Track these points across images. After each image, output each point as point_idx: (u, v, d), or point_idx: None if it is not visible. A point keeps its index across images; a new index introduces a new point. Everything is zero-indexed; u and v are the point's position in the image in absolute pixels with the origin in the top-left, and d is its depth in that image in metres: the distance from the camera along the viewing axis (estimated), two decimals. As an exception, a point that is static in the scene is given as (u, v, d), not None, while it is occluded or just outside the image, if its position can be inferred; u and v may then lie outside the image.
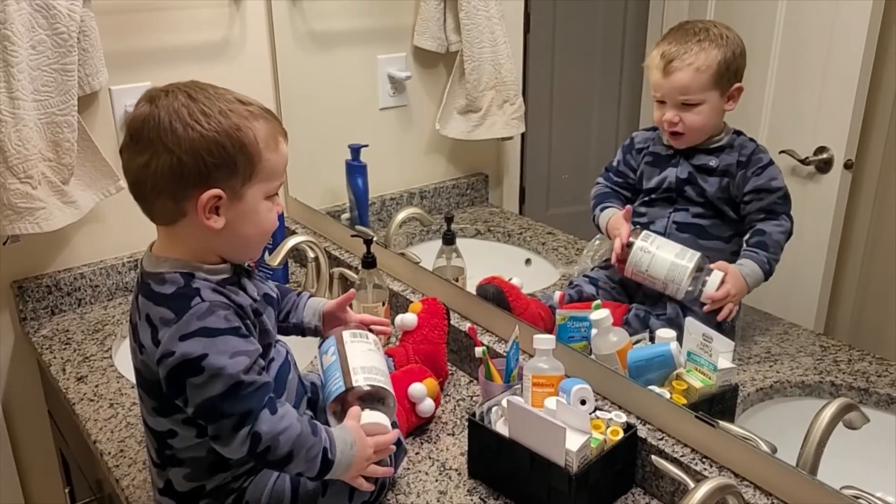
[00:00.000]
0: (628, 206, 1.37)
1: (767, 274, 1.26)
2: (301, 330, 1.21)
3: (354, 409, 1.05)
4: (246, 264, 1.05)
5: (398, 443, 1.16)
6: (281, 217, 1.79)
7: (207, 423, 0.95)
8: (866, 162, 1.21)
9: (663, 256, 1.28)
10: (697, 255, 1.26)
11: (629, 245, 1.30)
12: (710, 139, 1.30)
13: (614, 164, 1.45)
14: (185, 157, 0.92)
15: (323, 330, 1.20)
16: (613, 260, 1.34)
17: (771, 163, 1.27)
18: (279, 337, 1.10)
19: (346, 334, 1.12)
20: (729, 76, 1.24)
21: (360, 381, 1.06)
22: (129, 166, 0.96)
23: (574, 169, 1.85)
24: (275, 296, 1.11)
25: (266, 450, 0.95)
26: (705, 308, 1.25)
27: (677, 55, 1.24)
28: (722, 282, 1.24)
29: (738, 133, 1.30)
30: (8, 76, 1.42)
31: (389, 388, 1.09)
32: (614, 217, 1.39)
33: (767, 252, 1.26)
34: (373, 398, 1.07)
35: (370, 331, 1.17)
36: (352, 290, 1.25)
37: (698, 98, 1.25)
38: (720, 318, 1.25)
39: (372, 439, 1.03)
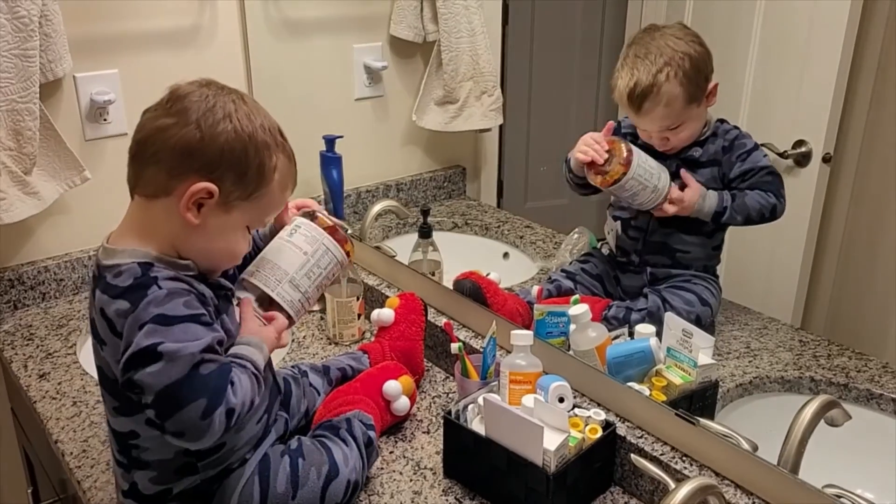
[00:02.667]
0: (610, 122, 1.33)
1: (720, 213, 1.25)
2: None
3: (246, 308, 1.03)
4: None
5: (369, 442, 1.13)
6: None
7: (165, 419, 0.88)
8: (844, 155, 1.21)
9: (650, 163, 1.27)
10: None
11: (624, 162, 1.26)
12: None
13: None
14: (207, 139, 0.91)
15: None
16: (588, 165, 1.30)
17: (756, 147, 1.26)
18: None
19: (287, 229, 1.10)
20: (700, 84, 1.22)
21: (249, 276, 1.07)
22: (148, 124, 0.94)
23: (552, 162, 1.83)
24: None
25: (237, 418, 0.91)
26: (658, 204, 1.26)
27: (646, 95, 1.21)
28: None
29: (722, 121, 1.28)
30: (-34, 61, 1.37)
31: (269, 288, 1.06)
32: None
33: (734, 202, 1.25)
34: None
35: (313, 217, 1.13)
36: (308, 200, 1.18)
37: (679, 121, 1.24)
38: (656, 214, 1.27)
39: (272, 328, 1.03)
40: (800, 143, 1.24)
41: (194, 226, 0.93)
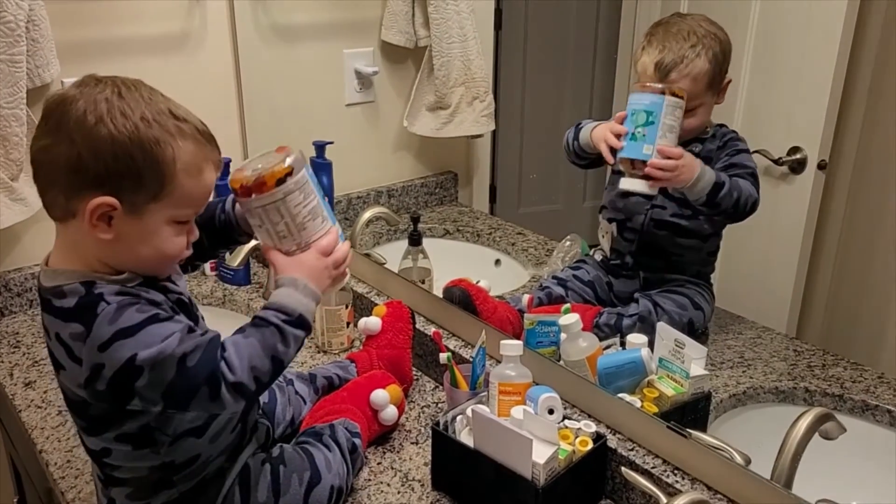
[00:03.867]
0: (621, 112, 1.25)
1: (720, 185, 1.18)
2: (231, 226, 1.06)
3: (268, 252, 0.97)
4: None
5: (354, 449, 1.11)
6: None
7: (187, 410, 0.88)
8: (839, 162, 1.21)
9: None
10: None
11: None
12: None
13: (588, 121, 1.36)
14: (85, 153, 0.83)
15: None
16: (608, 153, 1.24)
17: (747, 151, 1.24)
18: None
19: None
20: (719, 76, 1.22)
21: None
22: (33, 147, 0.88)
23: (545, 168, 1.82)
24: (187, 300, 1.00)
25: (256, 383, 0.89)
26: (650, 162, 1.17)
27: (673, 66, 1.19)
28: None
29: (721, 125, 1.28)
30: (-50, 66, 1.35)
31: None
32: (602, 124, 1.28)
33: (730, 180, 1.19)
34: None
35: None
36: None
37: (696, 103, 1.21)
38: (644, 172, 1.18)
39: (321, 255, 0.97)
40: (795, 149, 1.24)
41: (110, 240, 0.87)
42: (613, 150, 1.22)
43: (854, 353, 1.23)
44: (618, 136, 1.21)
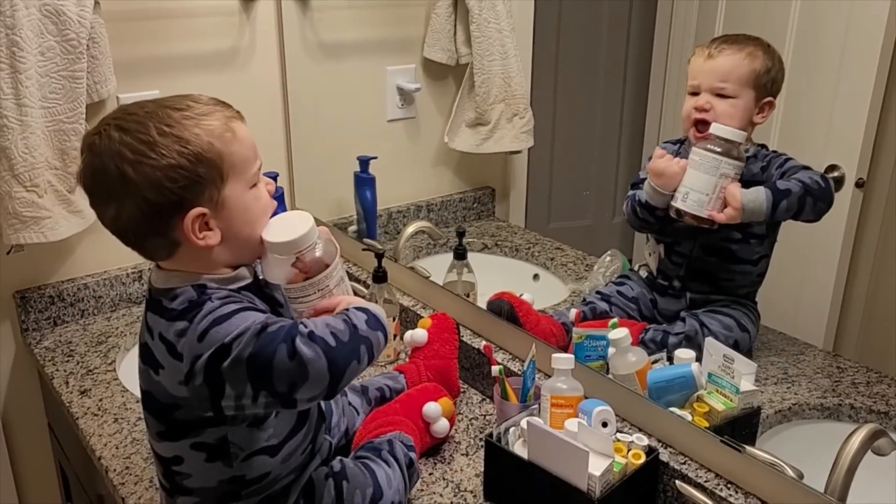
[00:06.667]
0: (658, 149, 1.30)
1: (783, 193, 1.19)
2: None
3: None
4: (260, 275, 1.00)
5: (411, 464, 1.14)
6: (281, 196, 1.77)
7: (271, 385, 0.85)
8: (876, 180, 1.21)
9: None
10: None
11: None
12: None
13: (642, 176, 1.40)
14: (148, 194, 0.87)
15: None
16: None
17: (793, 159, 1.25)
18: None
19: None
20: (767, 83, 1.22)
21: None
22: (104, 220, 0.92)
23: (575, 183, 1.84)
24: (282, 301, 1.04)
25: (335, 339, 0.88)
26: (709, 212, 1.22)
27: (725, 43, 1.23)
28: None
29: (763, 146, 1.28)
30: (16, 83, 1.40)
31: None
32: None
33: (784, 186, 1.20)
34: None
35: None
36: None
37: (734, 90, 1.22)
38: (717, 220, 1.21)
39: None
40: (832, 167, 1.24)
41: (221, 241, 0.92)
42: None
43: (890, 369, 1.24)
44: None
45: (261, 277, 1.00)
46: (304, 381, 0.86)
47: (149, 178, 0.87)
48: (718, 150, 1.21)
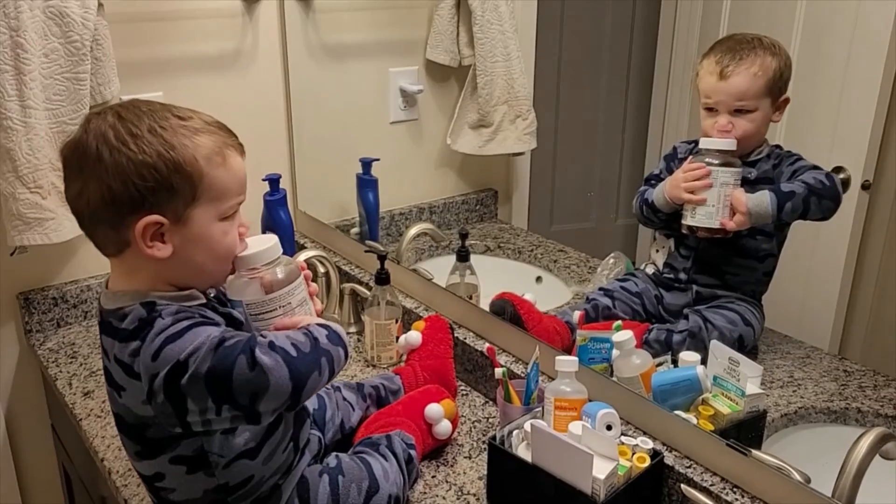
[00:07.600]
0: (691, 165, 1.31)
1: (788, 195, 1.21)
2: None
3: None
4: (211, 294, 0.99)
5: (410, 460, 1.14)
6: (290, 228, 1.77)
7: (230, 398, 0.84)
8: (882, 183, 1.20)
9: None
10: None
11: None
12: (752, 151, 1.29)
13: (656, 172, 1.41)
14: (113, 183, 0.86)
15: None
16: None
17: (803, 159, 1.26)
18: None
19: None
20: (780, 85, 1.23)
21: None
22: (68, 195, 0.91)
23: (577, 186, 1.84)
24: (242, 319, 1.01)
25: (295, 349, 0.87)
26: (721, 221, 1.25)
27: (734, 60, 1.23)
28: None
29: (777, 146, 1.29)
30: (20, 84, 1.40)
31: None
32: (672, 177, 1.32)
33: (788, 187, 1.22)
34: None
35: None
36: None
37: (753, 104, 1.23)
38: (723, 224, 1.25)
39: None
40: (838, 169, 1.24)
41: (168, 256, 0.90)
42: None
43: (894, 373, 1.23)
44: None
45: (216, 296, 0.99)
46: (266, 391, 0.85)
47: (120, 167, 0.86)
48: (716, 161, 1.24)
